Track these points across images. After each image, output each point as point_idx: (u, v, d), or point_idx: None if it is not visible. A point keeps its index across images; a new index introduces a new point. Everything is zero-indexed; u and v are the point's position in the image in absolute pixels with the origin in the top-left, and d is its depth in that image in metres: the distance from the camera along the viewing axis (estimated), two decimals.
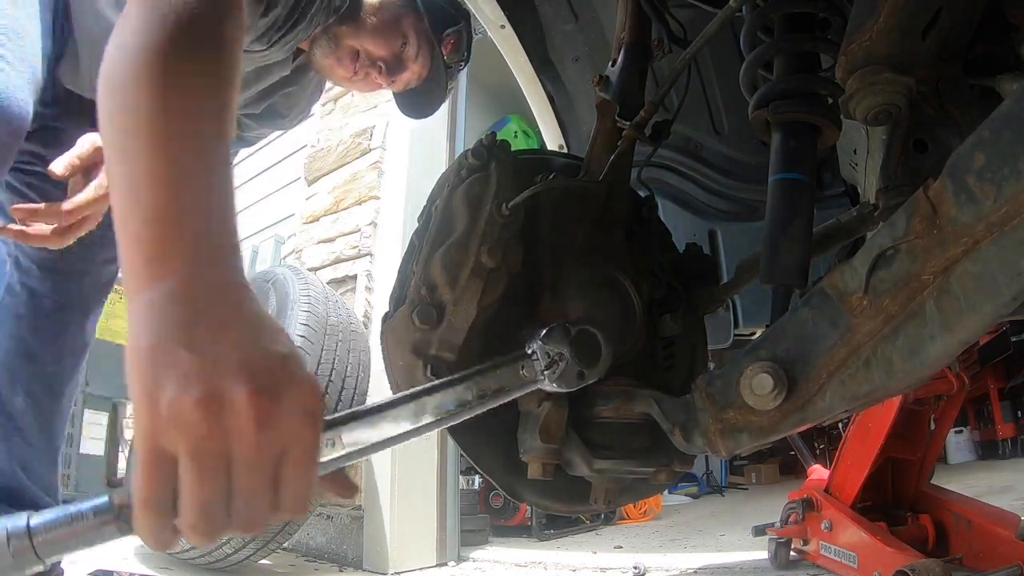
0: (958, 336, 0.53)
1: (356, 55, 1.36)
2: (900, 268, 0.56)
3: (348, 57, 1.36)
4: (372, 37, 1.34)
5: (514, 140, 4.12)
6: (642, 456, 0.81)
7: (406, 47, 1.38)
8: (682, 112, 0.97)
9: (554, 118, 1.83)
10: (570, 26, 1.59)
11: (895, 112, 0.68)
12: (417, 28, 1.38)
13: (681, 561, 2.25)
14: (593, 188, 0.92)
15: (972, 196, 0.50)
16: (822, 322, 0.62)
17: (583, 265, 0.91)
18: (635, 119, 0.89)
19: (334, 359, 1.97)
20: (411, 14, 1.38)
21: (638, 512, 3.76)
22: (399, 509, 2.26)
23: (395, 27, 1.36)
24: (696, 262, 1.04)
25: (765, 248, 0.77)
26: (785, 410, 0.64)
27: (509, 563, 2.46)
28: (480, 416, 0.86)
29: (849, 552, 1.65)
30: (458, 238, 0.80)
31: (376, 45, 1.35)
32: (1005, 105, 0.50)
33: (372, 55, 1.36)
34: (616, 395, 0.81)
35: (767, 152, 0.80)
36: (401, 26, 1.37)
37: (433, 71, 1.42)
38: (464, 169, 0.83)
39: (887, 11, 0.65)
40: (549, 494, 0.90)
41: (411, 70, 1.41)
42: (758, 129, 0.82)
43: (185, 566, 1.91)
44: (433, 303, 0.78)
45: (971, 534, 1.58)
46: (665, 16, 0.95)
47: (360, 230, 2.71)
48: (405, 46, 1.38)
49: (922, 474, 1.76)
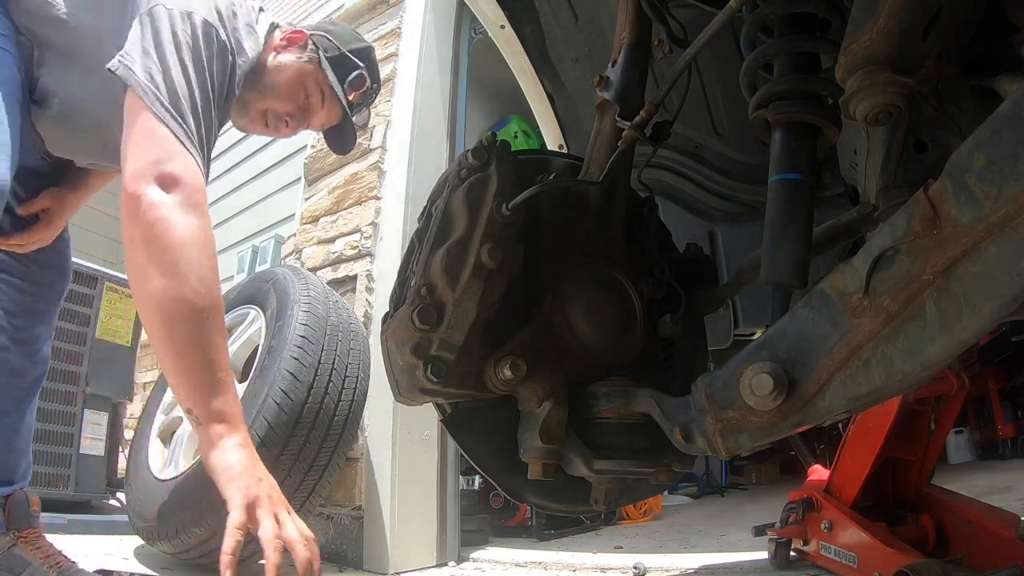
0: (958, 337, 0.53)
1: (265, 113, 1.52)
2: (900, 268, 0.56)
3: (258, 117, 1.53)
4: (275, 97, 1.50)
5: (514, 140, 4.12)
6: (642, 456, 0.81)
7: (310, 98, 1.54)
8: (682, 112, 0.97)
9: (554, 118, 1.83)
10: (570, 26, 1.59)
11: (895, 112, 0.68)
12: (318, 80, 1.53)
13: (681, 561, 2.25)
14: (593, 188, 0.92)
15: (972, 196, 0.50)
16: (822, 322, 0.62)
17: (583, 265, 0.91)
18: (635, 119, 0.89)
19: (334, 359, 1.97)
20: (311, 71, 1.53)
21: (638, 512, 3.76)
22: (399, 509, 2.25)
23: (296, 85, 1.51)
24: (696, 263, 1.04)
25: (765, 248, 0.77)
26: (785, 411, 0.64)
27: (509, 563, 2.45)
28: (480, 416, 0.86)
29: (849, 552, 1.65)
30: (458, 238, 0.80)
31: (280, 103, 1.51)
32: (1005, 105, 0.50)
33: (278, 112, 1.53)
34: (616, 395, 0.81)
35: (767, 152, 0.80)
36: (303, 82, 1.52)
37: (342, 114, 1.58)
38: (464, 169, 0.83)
39: (887, 11, 0.65)
40: (549, 494, 0.90)
41: (319, 116, 1.58)
42: (758, 129, 0.82)
43: (185, 566, 1.91)
44: (433, 303, 0.78)
45: (971, 534, 1.58)
46: (665, 16, 0.95)
47: (360, 230, 2.71)
48: (308, 98, 1.54)
49: (922, 474, 1.76)
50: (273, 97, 1.51)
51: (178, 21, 1.25)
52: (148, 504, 1.89)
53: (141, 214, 1.13)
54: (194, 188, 1.18)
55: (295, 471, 1.84)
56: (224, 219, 3.81)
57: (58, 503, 2.42)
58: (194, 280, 1.13)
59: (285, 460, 1.81)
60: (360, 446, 2.31)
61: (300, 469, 1.85)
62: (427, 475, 2.38)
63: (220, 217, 3.85)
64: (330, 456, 1.92)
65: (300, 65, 1.52)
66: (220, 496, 1.09)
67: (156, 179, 1.15)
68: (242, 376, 2.20)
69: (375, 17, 3.13)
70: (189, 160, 1.19)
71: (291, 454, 1.82)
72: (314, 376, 1.88)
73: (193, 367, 1.12)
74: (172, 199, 1.14)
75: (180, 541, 1.81)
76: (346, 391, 1.97)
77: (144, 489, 1.96)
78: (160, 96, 1.19)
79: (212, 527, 1.79)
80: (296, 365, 1.87)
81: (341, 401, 1.95)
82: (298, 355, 1.88)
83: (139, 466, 2.12)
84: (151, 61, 1.21)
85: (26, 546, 1.50)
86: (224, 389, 1.14)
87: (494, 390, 0.81)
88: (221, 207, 3.84)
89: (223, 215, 3.82)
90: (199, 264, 1.14)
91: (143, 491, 1.96)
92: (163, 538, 1.82)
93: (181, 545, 1.83)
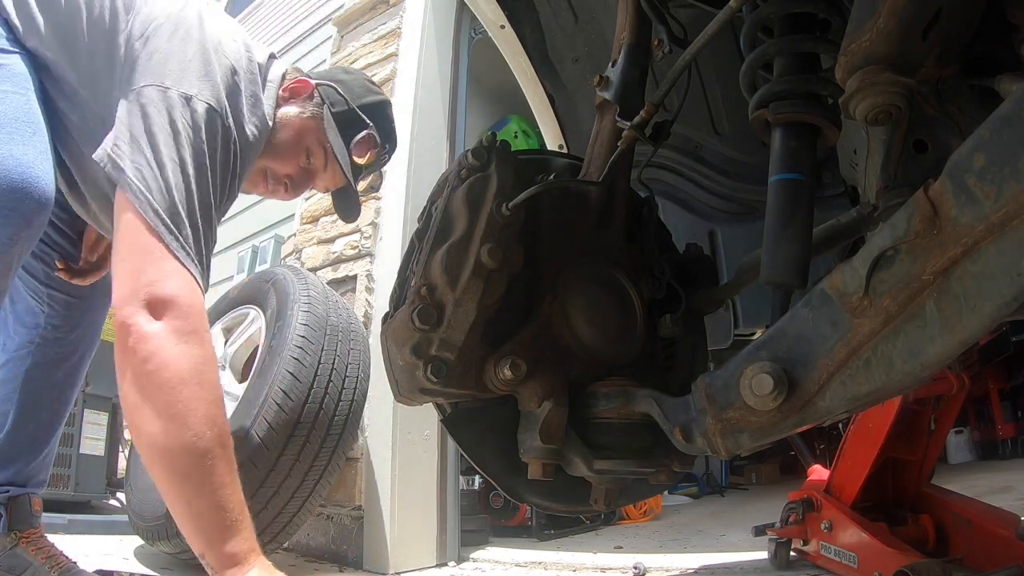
0: (958, 337, 0.53)
1: (265, 174, 1.40)
2: (900, 268, 0.56)
3: (259, 177, 1.40)
4: (275, 157, 1.37)
5: (514, 140, 4.12)
6: (642, 456, 0.81)
7: (312, 159, 1.41)
8: (682, 112, 0.97)
9: (554, 118, 1.83)
10: (570, 26, 1.59)
11: (895, 112, 0.68)
12: (320, 139, 1.39)
13: (681, 561, 2.25)
14: (593, 188, 0.92)
15: (972, 196, 0.50)
16: (822, 323, 0.62)
17: (583, 265, 0.91)
18: (635, 119, 0.89)
19: (334, 359, 1.97)
20: (314, 128, 1.39)
21: (638, 512, 3.76)
22: (399, 509, 2.25)
23: (296, 144, 1.38)
24: (696, 263, 1.04)
25: (765, 248, 0.77)
26: (785, 411, 0.64)
27: (509, 563, 2.45)
28: (480, 416, 0.86)
29: (849, 552, 1.65)
30: (458, 238, 0.80)
31: (279, 164, 1.39)
32: (1005, 105, 0.50)
33: (277, 174, 1.40)
34: (616, 395, 0.81)
35: (767, 152, 0.80)
36: (304, 142, 1.39)
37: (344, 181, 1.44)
38: (464, 169, 0.83)
39: (887, 11, 0.65)
40: (549, 494, 0.90)
41: (323, 178, 1.45)
42: (758, 129, 0.82)
43: (186, 566, 1.91)
44: (433, 303, 0.78)
45: (971, 534, 1.58)
46: (665, 16, 0.95)
47: (360, 230, 2.71)
48: (311, 158, 1.41)
49: (922, 474, 1.76)
50: (272, 156, 1.37)
51: (177, 108, 1.10)
52: (148, 504, 1.89)
53: (131, 347, 1.02)
54: (189, 311, 1.05)
55: (295, 471, 1.84)
56: (224, 219, 3.81)
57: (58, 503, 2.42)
58: (195, 421, 1.01)
59: (285, 460, 1.81)
60: (360, 446, 2.31)
61: (300, 469, 1.85)
62: (427, 475, 2.38)
63: None
64: (330, 456, 1.92)
65: (302, 122, 1.38)
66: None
67: (147, 305, 1.03)
68: (242, 376, 2.21)
69: (375, 17, 3.13)
70: (184, 278, 1.06)
71: (291, 454, 1.82)
72: (314, 376, 1.88)
73: (203, 514, 1.02)
74: (165, 328, 1.02)
75: (180, 541, 1.81)
76: (346, 391, 1.97)
77: (144, 489, 1.96)
78: (153, 202, 1.05)
79: None
80: (296, 365, 1.87)
81: (341, 401, 1.95)
82: (298, 355, 1.88)
83: (139, 466, 2.12)
84: (142, 157, 1.07)
85: (27, 546, 1.51)
86: (237, 530, 1.03)
87: (494, 390, 0.81)
88: None
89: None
90: (199, 400, 1.02)
91: (143, 491, 1.96)
92: (163, 538, 1.82)
93: (181, 545, 1.83)
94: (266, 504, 1.81)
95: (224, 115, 1.16)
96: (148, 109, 1.09)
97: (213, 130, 1.14)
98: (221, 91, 1.17)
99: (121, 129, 1.09)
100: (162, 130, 1.08)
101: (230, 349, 2.26)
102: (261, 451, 1.76)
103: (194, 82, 1.13)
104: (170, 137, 1.08)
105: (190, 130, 1.10)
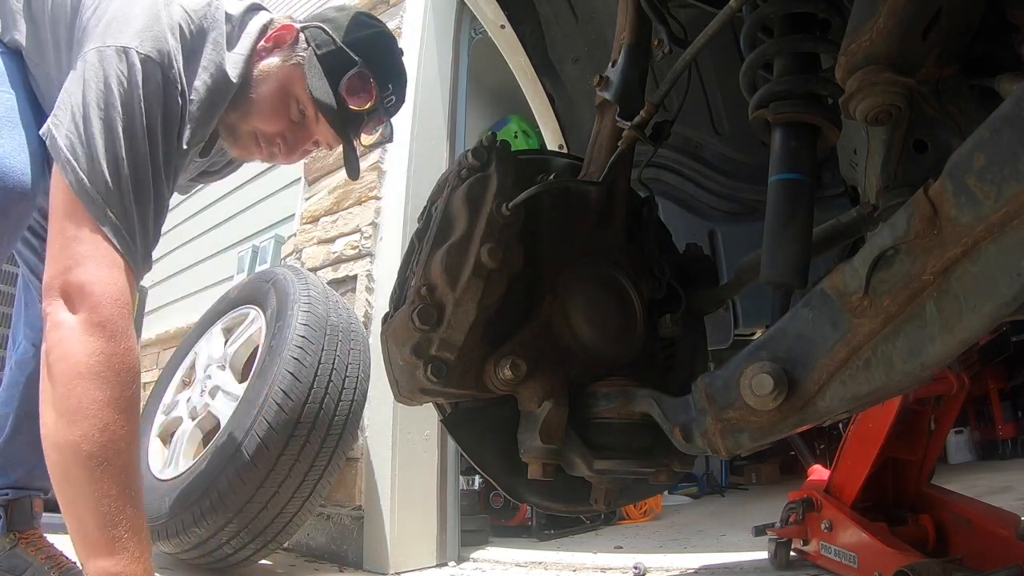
0: (958, 336, 0.53)
1: (255, 137, 1.27)
2: (900, 268, 0.56)
3: (251, 142, 1.28)
4: (260, 114, 1.24)
5: (514, 140, 4.12)
6: (642, 456, 0.81)
7: (304, 111, 1.26)
8: (682, 112, 0.97)
9: (554, 118, 1.83)
10: (570, 26, 1.59)
11: (895, 112, 0.68)
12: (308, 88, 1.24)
13: (681, 561, 2.25)
14: (593, 188, 0.92)
15: (972, 196, 0.50)
16: (822, 323, 0.62)
17: (583, 265, 0.91)
18: (635, 119, 0.89)
19: (334, 359, 1.97)
20: (299, 76, 1.24)
21: (638, 512, 3.76)
22: (399, 509, 2.25)
23: (281, 97, 1.24)
24: (696, 263, 1.04)
25: (765, 248, 0.77)
26: (785, 411, 0.64)
27: (509, 563, 2.45)
28: (480, 416, 0.86)
29: (849, 552, 1.65)
30: (458, 239, 0.80)
31: (266, 122, 1.25)
32: (1005, 105, 0.50)
33: (267, 133, 1.26)
34: (616, 395, 0.81)
35: (767, 152, 0.80)
36: (291, 93, 1.24)
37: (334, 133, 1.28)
38: (464, 169, 0.83)
39: (887, 11, 0.65)
40: (549, 494, 0.90)
41: (320, 132, 1.28)
42: (758, 129, 0.82)
43: (186, 566, 1.91)
44: (433, 304, 0.78)
45: (971, 534, 1.58)
46: (665, 16, 0.95)
47: (360, 230, 2.71)
48: (304, 111, 1.26)
49: (922, 474, 1.76)
50: (257, 115, 1.24)
51: (112, 65, 1.02)
52: (148, 504, 1.89)
53: (46, 336, 0.97)
54: (100, 301, 0.97)
55: (295, 471, 1.84)
56: (224, 219, 3.82)
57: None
58: (85, 421, 0.93)
59: (285, 460, 1.81)
60: (360, 446, 2.31)
61: (300, 469, 1.85)
62: (427, 475, 2.38)
63: (220, 217, 3.86)
64: (330, 456, 1.92)
65: (285, 71, 1.24)
66: None
67: (62, 292, 0.97)
68: (242, 376, 2.21)
69: None
70: (103, 262, 0.98)
71: (291, 454, 1.82)
72: (314, 376, 1.89)
73: (83, 521, 0.94)
74: (74, 320, 0.96)
75: (180, 541, 1.81)
76: (346, 391, 1.98)
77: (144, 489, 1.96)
78: (79, 172, 0.98)
79: (212, 527, 1.79)
80: (296, 365, 1.87)
81: (341, 401, 1.95)
82: (298, 355, 1.89)
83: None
84: (74, 126, 1.00)
85: (27, 547, 1.51)
86: (119, 550, 0.93)
87: (494, 390, 0.81)
88: (221, 207, 3.85)
89: (223, 215, 3.83)
90: (93, 401, 0.94)
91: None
92: (163, 538, 1.82)
93: (181, 545, 1.83)
94: (266, 504, 1.82)
95: (166, 65, 1.07)
96: (87, 74, 1.02)
97: (152, 82, 1.04)
98: (167, 41, 1.07)
99: (63, 98, 1.03)
100: (96, 94, 1.01)
101: (230, 349, 2.26)
102: (261, 451, 1.76)
103: (133, 35, 1.05)
104: (103, 100, 1.00)
105: (125, 87, 1.02)
